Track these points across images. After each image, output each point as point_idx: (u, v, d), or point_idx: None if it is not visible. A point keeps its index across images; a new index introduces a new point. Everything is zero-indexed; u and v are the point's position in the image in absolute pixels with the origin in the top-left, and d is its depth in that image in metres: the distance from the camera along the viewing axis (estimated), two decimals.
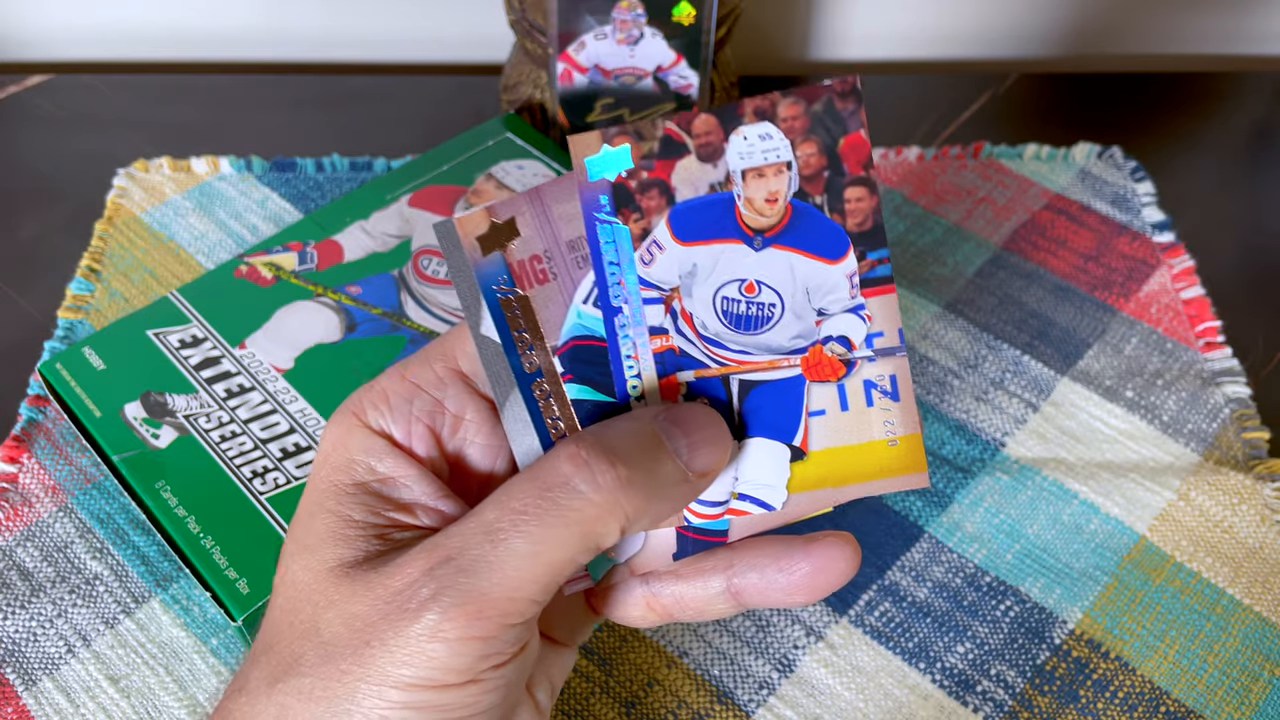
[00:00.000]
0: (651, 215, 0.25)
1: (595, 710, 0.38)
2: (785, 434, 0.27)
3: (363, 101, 0.62)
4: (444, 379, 0.27)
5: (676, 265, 0.26)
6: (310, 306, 0.44)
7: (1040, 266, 0.53)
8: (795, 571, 0.27)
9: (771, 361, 0.26)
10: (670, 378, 0.26)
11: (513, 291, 0.26)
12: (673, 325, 0.26)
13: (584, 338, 0.26)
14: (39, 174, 0.57)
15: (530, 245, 0.26)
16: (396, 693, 0.23)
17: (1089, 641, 0.40)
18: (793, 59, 0.70)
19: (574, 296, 0.26)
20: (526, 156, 0.51)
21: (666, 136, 0.25)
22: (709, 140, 0.25)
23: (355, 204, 0.49)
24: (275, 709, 0.24)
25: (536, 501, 0.23)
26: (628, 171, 0.25)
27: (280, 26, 0.67)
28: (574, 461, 0.24)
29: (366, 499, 0.25)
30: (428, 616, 0.23)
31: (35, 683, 0.38)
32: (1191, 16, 0.69)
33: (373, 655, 0.23)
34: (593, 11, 0.50)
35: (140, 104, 0.61)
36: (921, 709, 0.38)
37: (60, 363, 0.42)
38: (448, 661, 0.23)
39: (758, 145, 0.25)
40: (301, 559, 0.25)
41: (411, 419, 0.26)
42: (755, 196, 0.25)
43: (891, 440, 0.27)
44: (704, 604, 0.28)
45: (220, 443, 0.39)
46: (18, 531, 0.42)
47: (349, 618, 0.24)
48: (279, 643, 0.25)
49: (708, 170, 0.25)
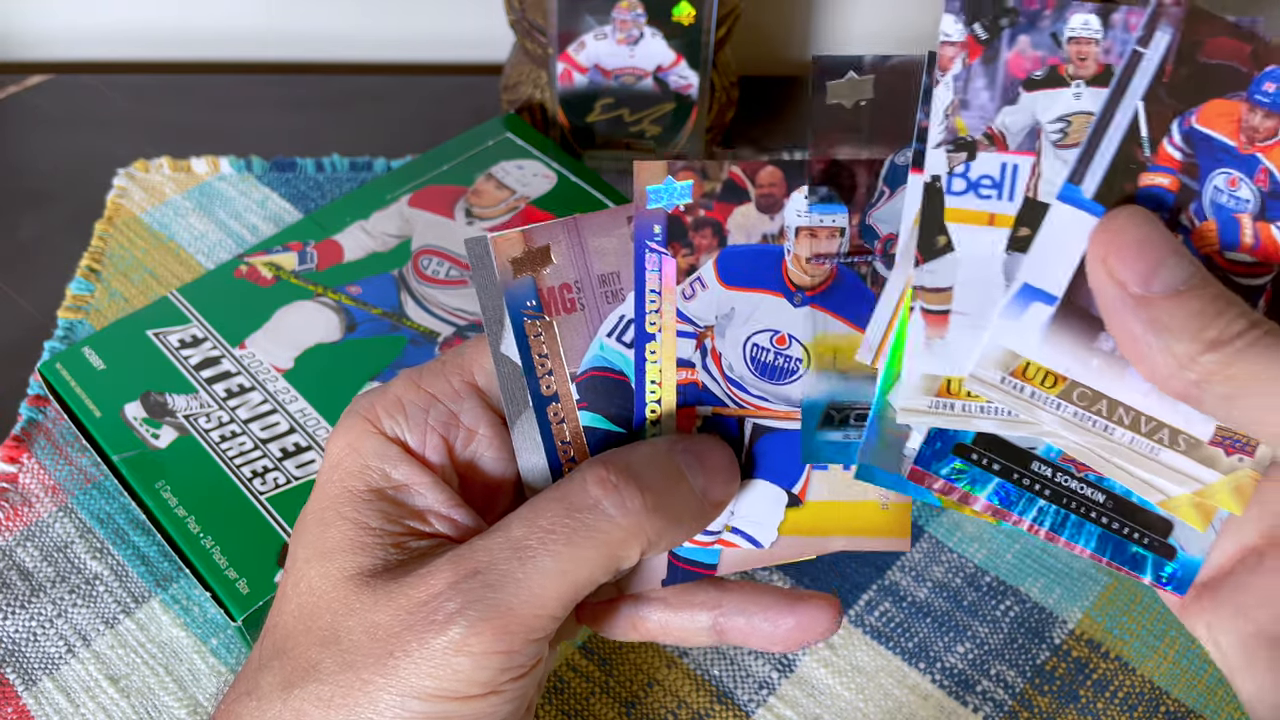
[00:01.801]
0: (701, 253, 0.26)
1: (595, 710, 0.38)
2: (787, 480, 0.28)
3: (363, 101, 0.62)
4: (460, 392, 0.27)
5: (716, 305, 0.26)
6: (310, 306, 0.44)
7: None
8: (780, 625, 0.28)
9: (788, 413, 0.27)
10: (689, 409, 0.27)
11: (540, 316, 0.26)
12: (700, 361, 0.27)
13: (603, 369, 0.27)
14: (39, 174, 0.57)
15: (562, 274, 0.26)
16: (419, 703, 0.23)
17: (1089, 641, 0.40)
18: (793, 59, 0.70)
19: (599, 329, 0.27)
20: (526, 156, 0.51)
21: (730, 180, 0.26)
22: (771, 192, 0.26)
23: (355, 204, 0.49)
24: (291, 714, 0.24)
25: (565, 521, 0.24)
26: (685, 205, 0.26)
27: (280, 26, 0.67)
28: (604, 486, 0.24)
29: (383, 506, 0.26)
30: (453, 630, 0.23)
31: (35, 683, 0.38)
32: None
33: (396, 665, 0.23)
34: (593, 11, 0.50)
35: (140, 104, 0.61)
36: (921, 709, 0.38)
37: (60, 363, 0.42)
38: (471, 674, 0.23)
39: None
40: (318, 565, 0.25)
41: (427, 429, 0.27)
42: (803, 254, 0.26)
43: (883, 503, 0.28)
44: (688, 634, 0.29)
45: (220, 443, 0.39)
46: (18, 531, 0.42)
47: (371, 627, 0.24)
48: (293, 649, 0.25)
49: (764, 221, 0.26)
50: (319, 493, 0.26)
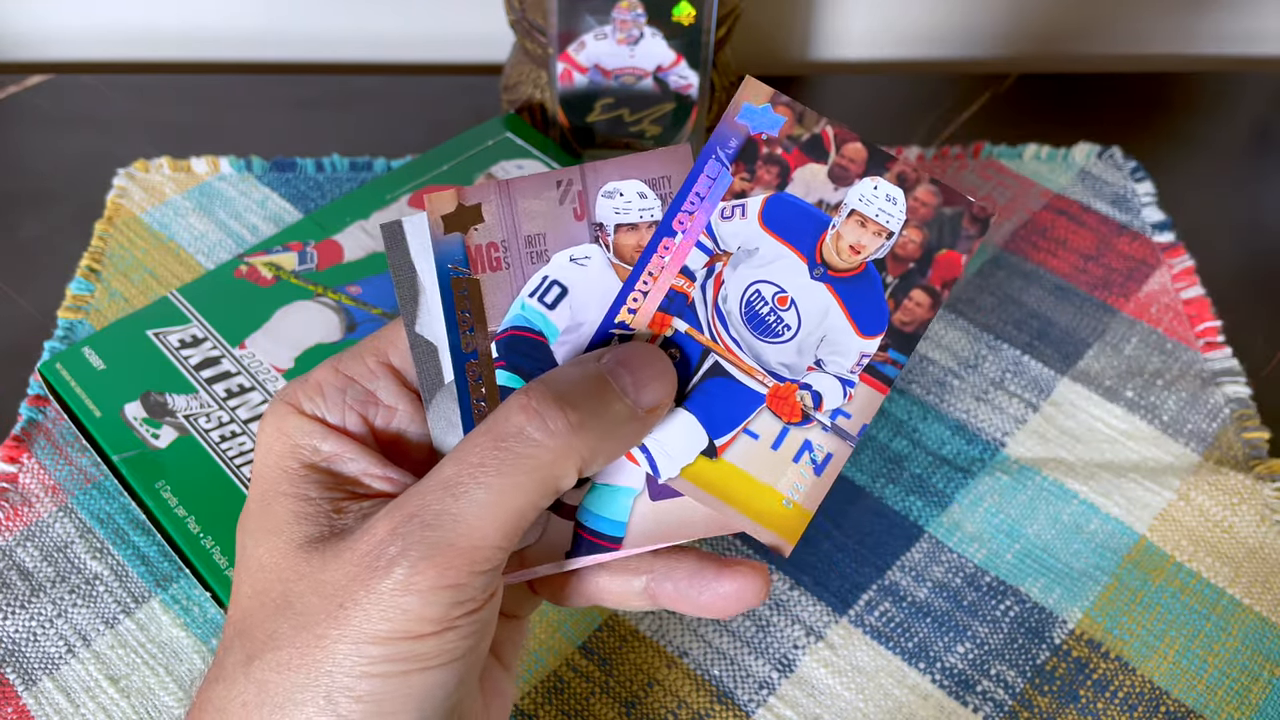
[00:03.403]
0: (757, 186, 0.27)
1: (595, 710, 0.38)
2: (715, 429, 0.27)
3: (363, 101, 0.62)
4: (375, 371, 0.28)
5: (744, 238, 0.27)
6: (310, 306, 0.44)
7: (1040, 266, 0.53)
8: (706, 591, 0.28)
9: (751, 368, 0.27)
10: (666, 315, 0.27)
11: (465, 273, 0.27)
12: (701, 279, 0.27)
13: (522, 329, 0.27)
14: (39, 174, 0.57)
15: (490, 233, 0.27)
16: (374, 647, 0.23)
17: (1089, 641, 0.40)
18: (793, 59, 0.70)
19: (522, 289, 0.27)
20: (526, 156, 0.51)
21: (819, 136, 0.26)
22: (849, 166, 0.26)
23: (355, 204, 0.49)
24: (255, 686, 0.24)
25: (493, 453, 0.24)
26: (768, 137, 0.26)
27: (280, 26, 0.67)
28: (525, 412, 0.24)
29: (318, 477, 0.26)
30: (397, 571, 0.23)
31: (35, 683, 0.38)
32: (1191, 16, 0.69)
33: (348, 616, 0.24)
34: (593, 11, 0.50)
35: (140, 104, 0.61)
36: (921, 709, 0.38)
37: (60, 363, 0.42)
38: (421, 612, 0.23)
39: (881, 201, 0.26)
40: (266, 542, 0.26)
41: (345, 407, 0.27)
42: (846, 237, 0.26)
43: (788, 501, 0.27)
44: (625, 596, 0.29)
45: (220, 443, 0.39)
46: (18, 531, 0.42)
47: (320, 586, 0.24)
48: (251, 625, 0.25)
49: (828, 188, 0.26)
50: (256, 479, 0.27)
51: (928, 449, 0.45)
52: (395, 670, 0.24)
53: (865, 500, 0.44)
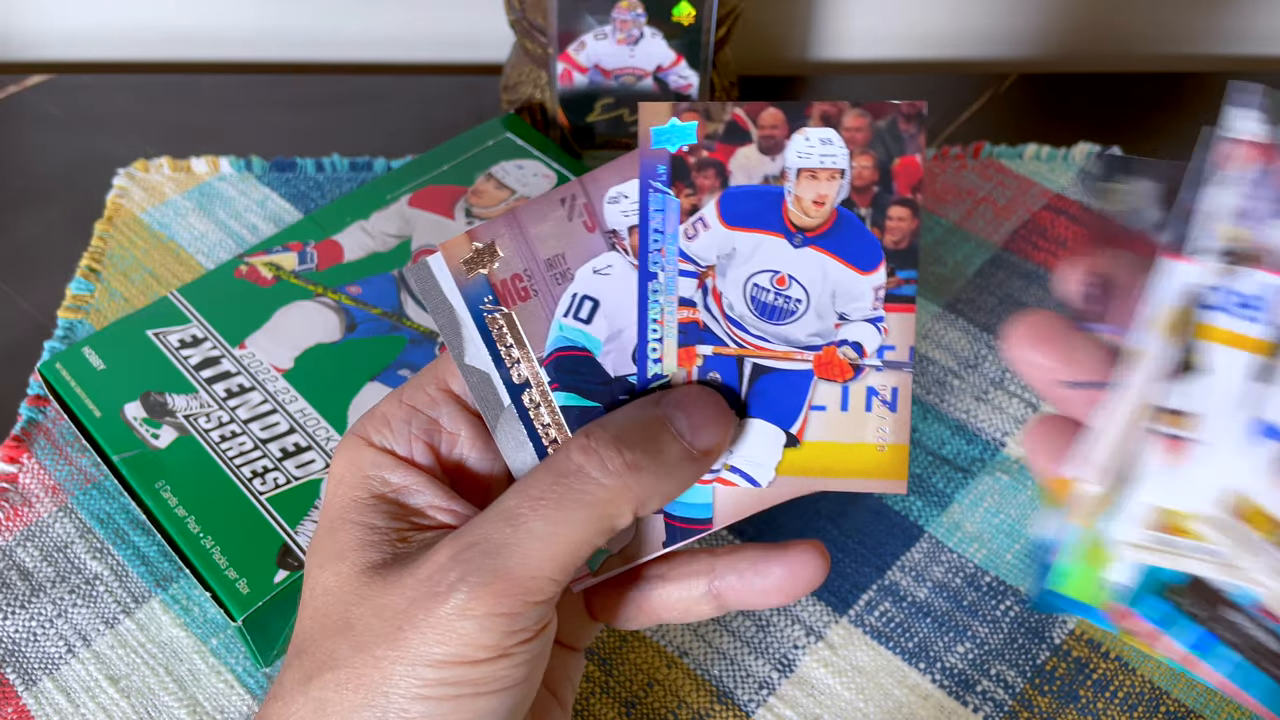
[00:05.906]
0: (703, 194, 0.27)
1: (595, 710, 0.38)
2: (785, 420, 0.28)
3: (363, 101, 0.62)
4: (437, 399, 0.29)
5: (717, 245, 0.27)
6: (310, 306, 0.44)
7: (1040, 266, 0.53)
8: (770, 575, 0.29)
9: (787, 352, 0.28)
10: (690, 348, 0.28)
11: (498, 309, 0.27)
12: (702, 300, 0.27)
13: (567, 348, 0.28)
14: (39, 174, 0.57)
15: (511, 265, 0.27)
16: (430, 670, 0.24)
17: (1089, 641, 0.40)
18: (793, 59, 0.70)
19: (555, 311, 0.27)
20: (526, 156, 0.51)
21: (733, 122, 0.26)
22: (772, 134, 0.26)
23: (355, 204, 0.49)
24: (312, 704, 0.25)
25: (553, 488, 0.25)
26: (689, 147, 0.26)
27: (280, 26, 0.67)
28: (585, 451, 0.26)
29: (386, 507, 0.27)
30: (456, 597, 0.24)
31: (35, 683, 0.38)
32: (1191, 16, 0.69)
33: (405, 639, 0.24)
34: (593, 11, 0.50)
35: (140, 104, 0.61)
36: (921, 709, 0.38)
37: (60, 363, 0.42)
38: (476, 638, 0.24)
39: (817, 148, 0.26)
40: (331, 567, 0.27)
41: (411, 437, 0.28)
42: (804, 196, 0.27)
43: (881, 446, 0.28)
44: (689, 605, 0.30)
45: (220, 443, 0.39)
46: (18, 531, 0.42)
47: (380, 608, 0.25)
48: (311, 646, 0.26)
49: (765, 162, 0.26)
50: (325, 509, 0.28)
51: (927, 449, 0.45)
52: (449, 694, 0.24)
53: (865, 500, 0.44)
